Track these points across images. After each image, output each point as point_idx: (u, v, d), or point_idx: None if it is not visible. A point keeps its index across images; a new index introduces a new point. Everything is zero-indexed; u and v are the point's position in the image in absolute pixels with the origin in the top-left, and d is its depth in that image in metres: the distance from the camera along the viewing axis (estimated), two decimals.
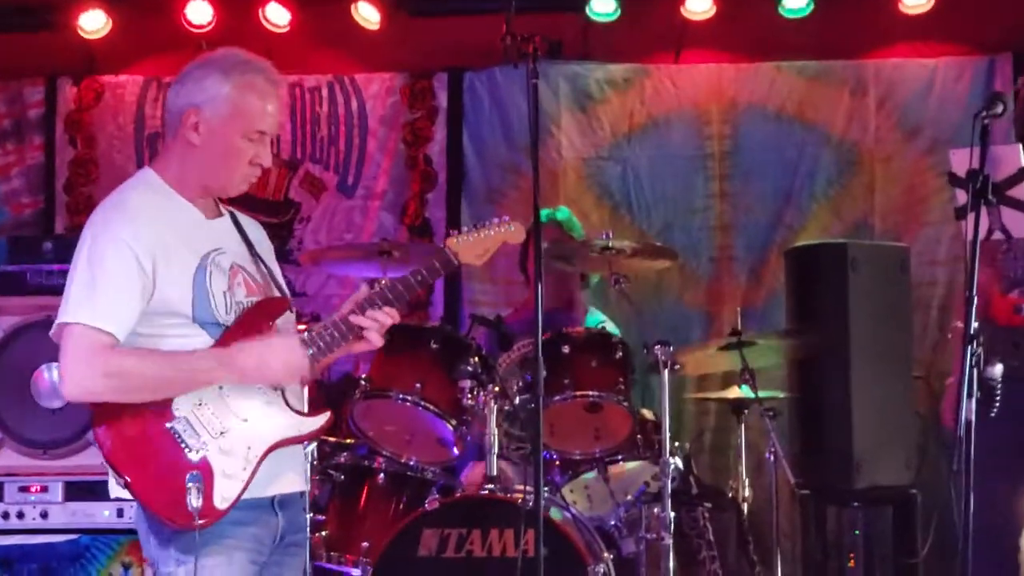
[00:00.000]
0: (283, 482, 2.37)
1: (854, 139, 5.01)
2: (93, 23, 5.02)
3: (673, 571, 3.30)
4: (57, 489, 3.78)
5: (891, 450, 3.71)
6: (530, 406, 3.34)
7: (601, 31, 4.97)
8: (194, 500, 2.20)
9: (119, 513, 3.72)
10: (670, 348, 3.43)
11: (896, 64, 5.02)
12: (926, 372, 4.34)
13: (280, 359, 2.30)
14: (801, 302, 3.89)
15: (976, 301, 2.55)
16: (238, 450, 2.28)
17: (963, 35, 4.95)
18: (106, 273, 2.26)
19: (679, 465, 3.50)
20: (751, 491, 3.88)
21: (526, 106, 2.63)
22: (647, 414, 3.71)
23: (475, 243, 2.52)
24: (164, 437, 2.25)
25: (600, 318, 4.19)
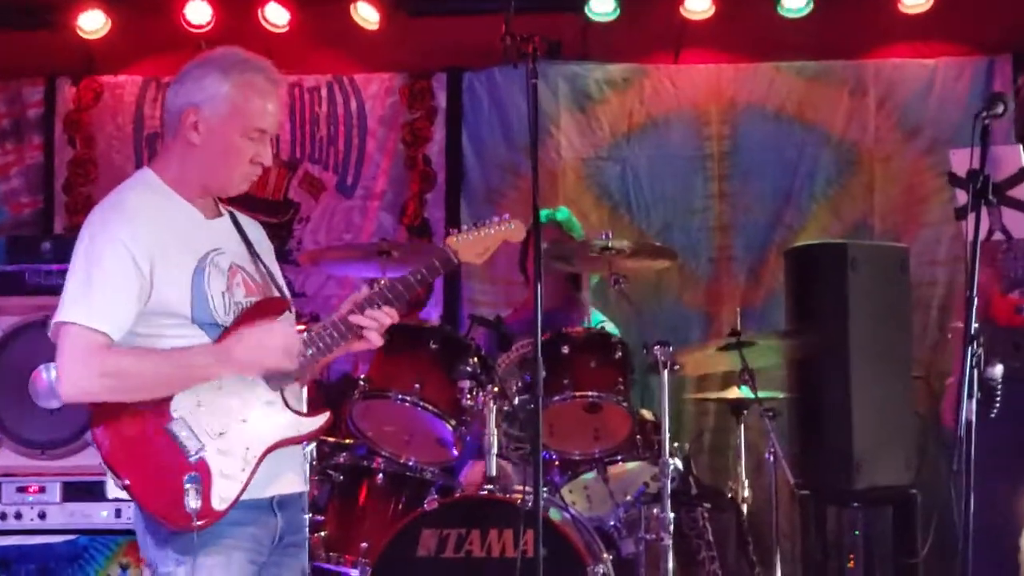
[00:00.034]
0: (282, 483, 2.37)
1: (853, 139, 5.00)
2: (92, 23, 5.02)
3: (672, 572, 3.29)
4: (55, 490, 3.76)
5: (891, 450, 3.70)
6: (529, 406, 3.34)
7: (600, 31, 4.96)
8: (192, 501, 2.19)
9: (117, 514, 3.70)
10: (670, 348, 3.43)
11: (896, 64, 5.02)
12: (926, 372, 4.34)
13: (274, 342, 2.29)
14: (800, 302, 3.89)
15: (976, 301, 2.55)
16: (236, 451, 2.28)
17: (963, 35, 4.94)
18: (102, 273, 2.25)
19: (679, 465, 3.49)
20: (751, 491, 3.87)
21: (525, 106, 2.62)
22: (646, 414, 3.71)
23: (475, 241, 2.51)
24: (162, 438, 2.25)
25: (599, 319, 4.18)
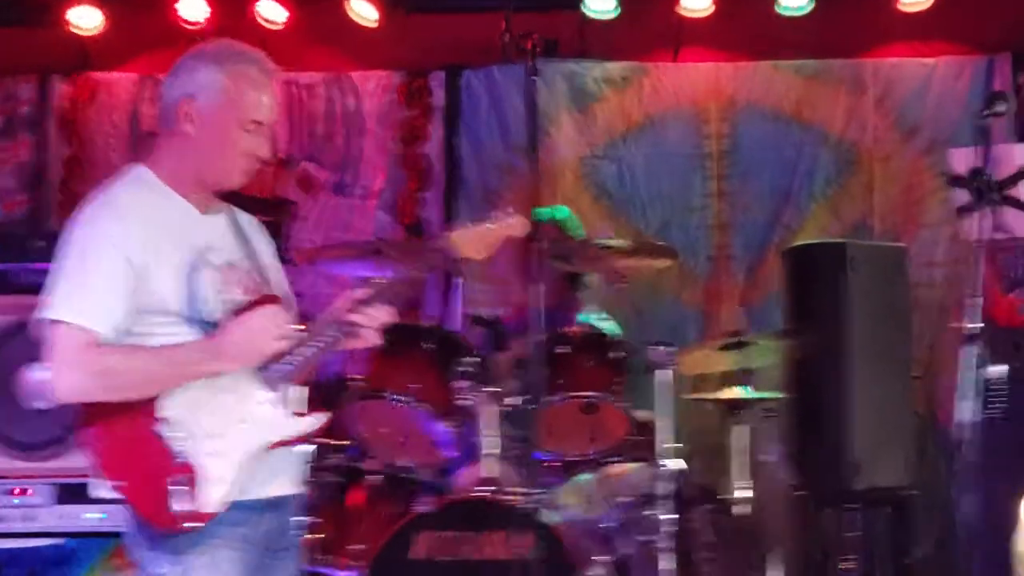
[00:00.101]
0: (275, 485, 2.35)
1: (852, 138, 4.99)
2: (86, 20, 5.00)
3: (670, 573, 3.26)
4: (43, 492, 3.73)
5: (890, 451, 3.69)
6: (527, 407, 3.31)
7: (599, 29, 4.94)
8: (182, 503, 2.17)
9: (107, 516, 3.68)
10: (667, 348, 3.40)
11: (894, 63, 5.00)
12: (924, 373, 4.32)
13: (262, 331, 2.26)
14: (799, 302, 3.88)
15: (976, 302, 2.53)
16: (228, 452, 2.25)
17: (962, 34, 4.93)
18: (92, 271, 2.23)
19: (676, 467, 3.46)
20: (749, 493, 3.83)
21: (523, 105, 2.60)
22: (643, 415, 3.68)
23: (476, 237, 2.48)
24: (152, 439, 2.22)
25: (594, 314, 4.14)
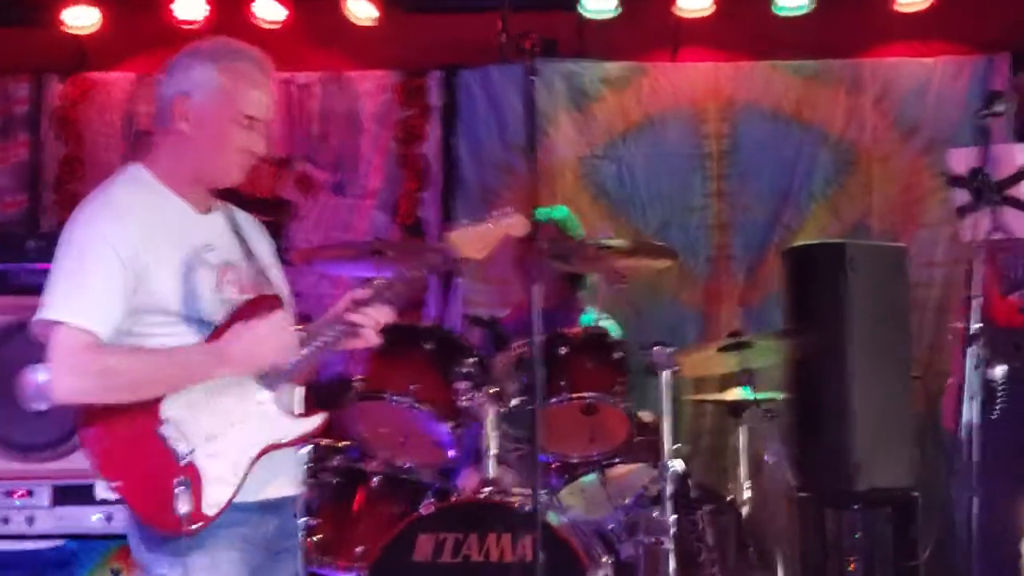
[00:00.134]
0: (275, 486, 2.33)
1: (851, 138, 4.99)
2: (82, 19, 4.98)
3: (673, 575, 3.24)
4: (43, 493, 3.71)
5: (890, 451, 3.68)
6: (527, 408, 3.30)
7: (597, 29, 4.93)
8: (183, 505, 2.16)
9: (108, 518, 3.66)
10: (668, 349, 3.39)
11: (893, 63, 5.00)
12: (923, 373, 4.31)
13: (270, 337, 2.26)
14: (799, 302, 3.87)
15: (977, 301, 2.52)
16: (228, 454, 2.24)
17: (961, 34, 4.93)
18: (90, 271, 2.22)
19: (678, 468, 3.45)
20: (750, 494, 3.83)
21: (521, 104, 2.59)
22: (644, 416, 3.66)
23: (476, 237, 2.47)
24: (152, 441, 2.21)
25: (591, 317, 4.13)
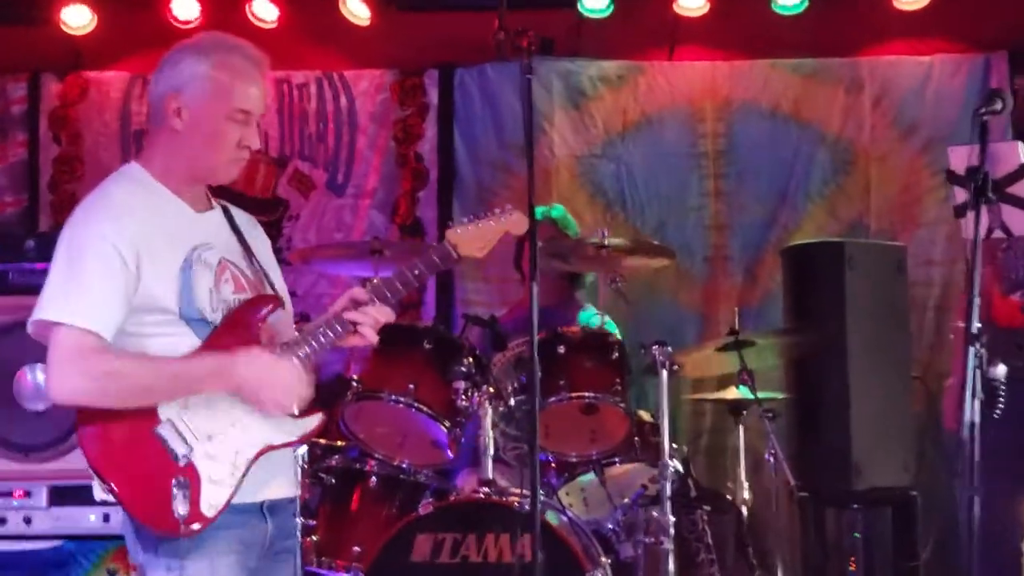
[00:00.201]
0: (273, 487, 2.32)
1: (849, 137, 4.97)
2: (78, 18, 4.97)
3: (672, 575, 3.23)
4: (41, 494, 3.69)
5: (890, 451, 3.67)
6: (525, 407, 3.28)
7: (594, 27, 4.92)
8: (181, 506, 2.14)
9: (105, 518, 3.64)
10: (668, 349, 3.38)
11: (891, 61, 4.99)
12: (923, 372, 4.31)
13: (283, 383, 2.23)
14: (798, 301, 3.86)
15: (978, 301, 2.51)
16: (226, 455, 2.22)
17: (959, 32, 4.92)
18: (90, 271, 2.20)
19: (677, 467, 3.44)
20: (750, 493, 3.82)
21: (518, 103, 2.57)
22: (644, 416, 3.66)
23: (476, 235, 2.45)
24: (150, 442, 2.19)
25: (590, 315, 4.12)
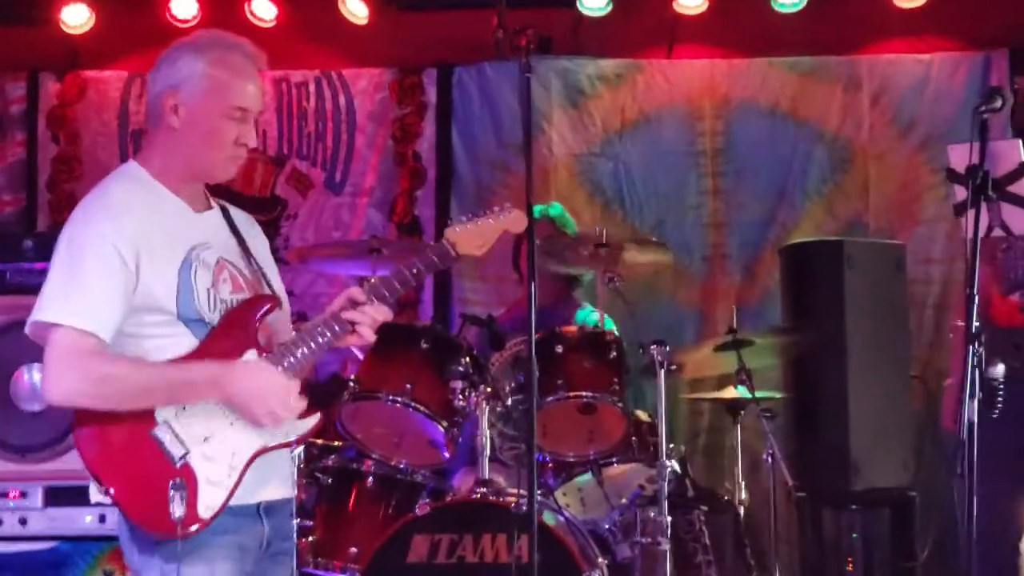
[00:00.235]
0: (269, 488, 2.31)
1: (848, 136, 4.97)
2: (76, 18, 4.97)
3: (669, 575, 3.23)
4: (37, 495, 3.68)
5: (888, 451, 3.67)
6: (522, 407, 3.28)
7: (592, 26, 4.91)
8: (177, 508, 2.13)
9: (101, 519, 3.63)
10: (666, 348, 3.37)
11: (890, 60, 4.98)
12: (922, 371, 4.30)
13: (279, 401, 2.22)
14: (797, 300, 3.86)
15: (977, 300, 2.50)
16: (223, 456, 2.22)
17: (958, 30, 4.91)
18: (89, 272, 2.19)
19: (675, 467, 3.44)
20: (747, 494, 3.81)
21: (516, 102, 2.57)
22: (641, 415, 3.65)
23: (474, 233, 2.44)
24: (147, 443, 2.18)
25: (589, 309, 4.11)
